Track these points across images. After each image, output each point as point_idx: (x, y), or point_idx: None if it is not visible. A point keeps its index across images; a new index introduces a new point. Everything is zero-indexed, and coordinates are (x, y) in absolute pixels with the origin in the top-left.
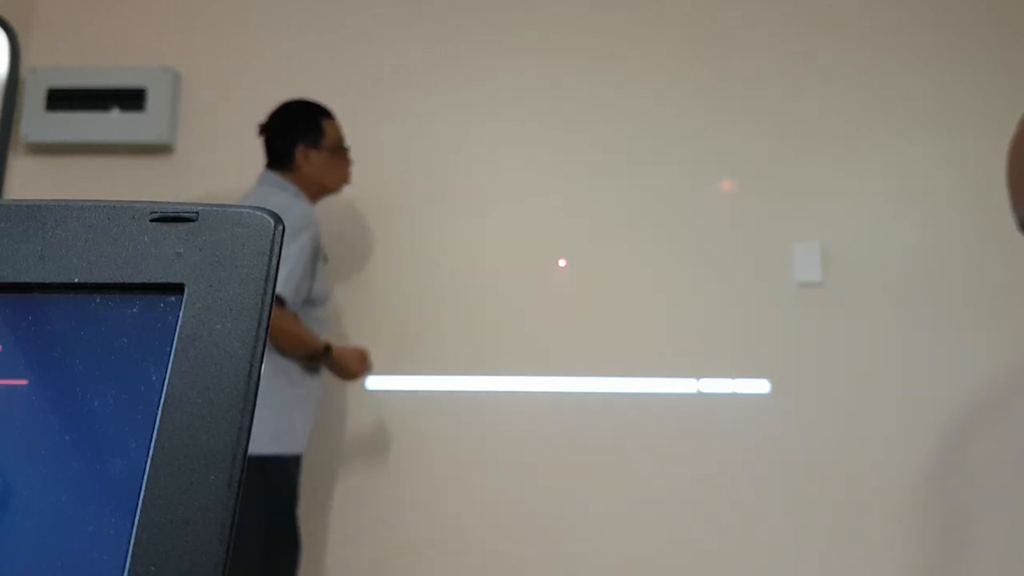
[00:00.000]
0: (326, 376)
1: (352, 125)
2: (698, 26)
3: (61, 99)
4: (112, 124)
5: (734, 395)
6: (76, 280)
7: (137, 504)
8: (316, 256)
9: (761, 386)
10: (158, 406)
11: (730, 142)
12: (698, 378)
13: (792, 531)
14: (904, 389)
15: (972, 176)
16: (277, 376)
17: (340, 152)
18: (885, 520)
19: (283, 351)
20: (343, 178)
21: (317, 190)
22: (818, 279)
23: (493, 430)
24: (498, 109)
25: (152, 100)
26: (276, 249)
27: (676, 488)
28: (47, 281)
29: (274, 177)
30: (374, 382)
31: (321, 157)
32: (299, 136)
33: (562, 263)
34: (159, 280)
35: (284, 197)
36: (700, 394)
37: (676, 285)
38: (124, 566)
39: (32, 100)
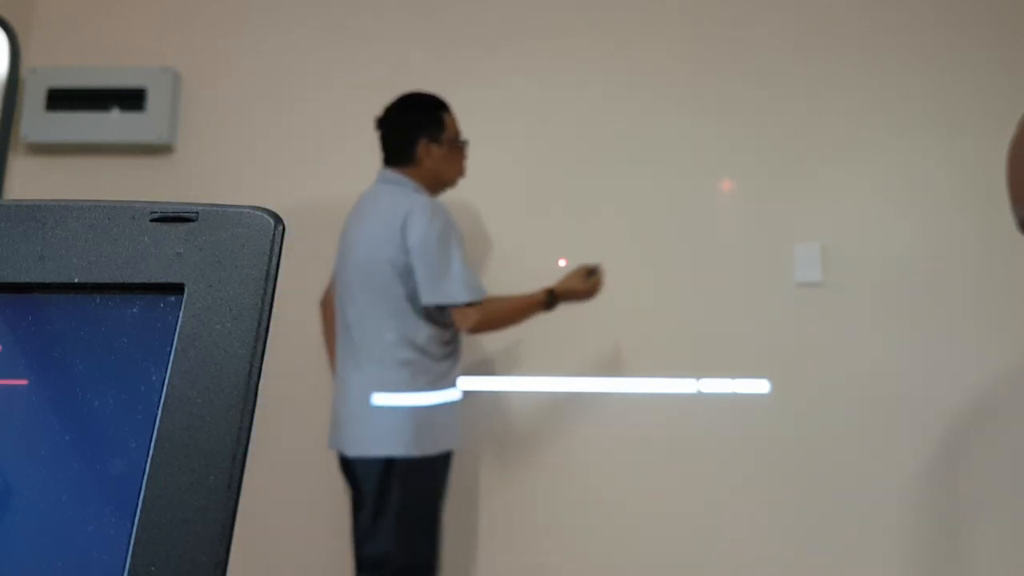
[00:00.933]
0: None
1: (351, 125)
2: (698, 26)
3: (61, 99)
4: (112, 124)
5: (734, 395)
6: (76, 280)
7: (137, 504)
8: None
9: (761, 386)
10: (158, 406)
11: (730, 142)
12: (698, 378)
13: (792, 530)
14: (904, 389)
15: (972, 176)
16: (418, 377)
17: (458, 145)
18: (885, 520)
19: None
20: (460, 171)
21: (436, 185)
22: (818, 279)
23: (489, 431)
24: (497, 109)
25: (152, 100)
26: (276, 249)
27: (675, 488)
28: (47, 281)
29: (393, 174)
30: None
31: (441, 151)
32: (420, 130)
33: (562, 263)
34: (159, 280)
35: (409, 194)
36: (700, 394)
37: (676, 285)
38: (124, 566)
39: (32, 100)
